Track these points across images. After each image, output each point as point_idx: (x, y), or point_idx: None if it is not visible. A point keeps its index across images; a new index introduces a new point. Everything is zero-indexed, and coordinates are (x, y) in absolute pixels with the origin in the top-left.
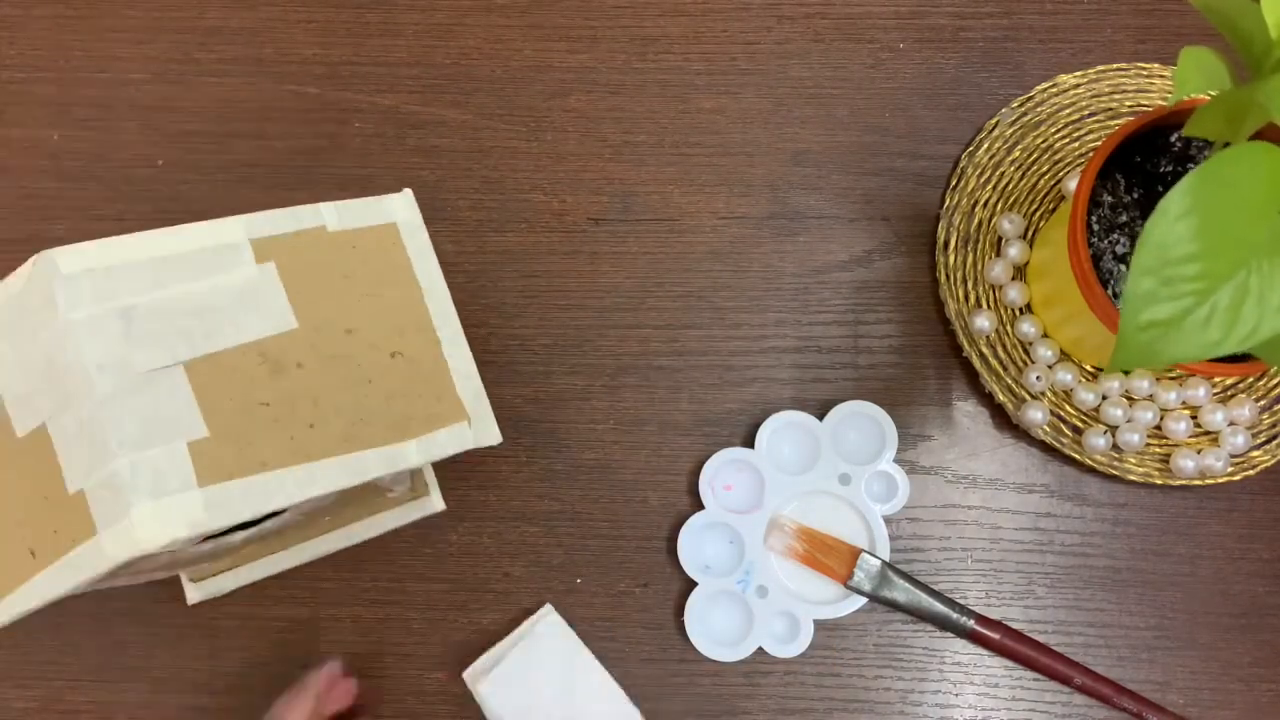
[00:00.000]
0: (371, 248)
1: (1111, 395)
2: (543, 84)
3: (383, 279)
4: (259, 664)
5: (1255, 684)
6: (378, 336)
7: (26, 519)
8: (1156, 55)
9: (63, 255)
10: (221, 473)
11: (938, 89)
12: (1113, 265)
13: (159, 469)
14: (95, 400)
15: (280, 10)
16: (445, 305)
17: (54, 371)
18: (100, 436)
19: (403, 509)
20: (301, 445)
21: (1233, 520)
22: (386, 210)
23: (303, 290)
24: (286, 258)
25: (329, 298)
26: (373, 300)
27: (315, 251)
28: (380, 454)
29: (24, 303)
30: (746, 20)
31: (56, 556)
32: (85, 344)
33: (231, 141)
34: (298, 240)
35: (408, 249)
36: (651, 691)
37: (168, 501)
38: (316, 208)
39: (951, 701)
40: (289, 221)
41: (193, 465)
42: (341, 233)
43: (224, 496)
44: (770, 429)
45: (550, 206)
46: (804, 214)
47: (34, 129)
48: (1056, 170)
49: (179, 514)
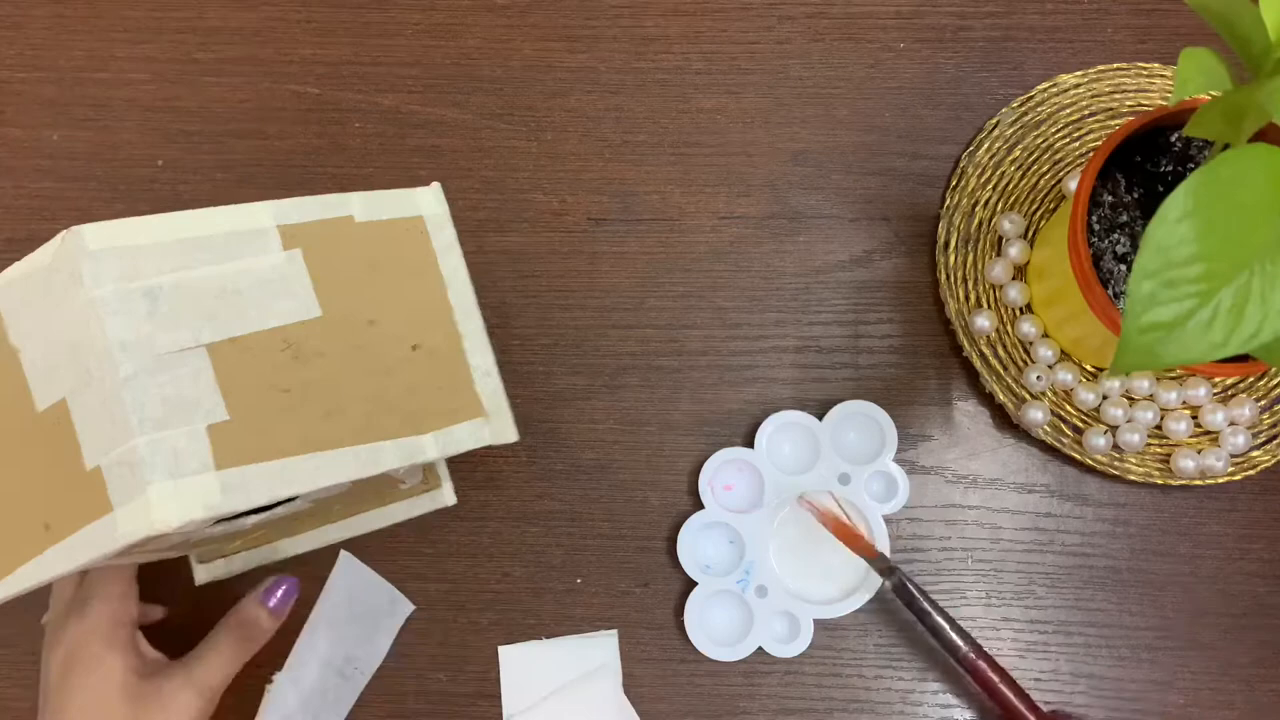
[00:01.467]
0: (397, 240)
1: (1112, 395)
2: (543, 84)
3: (407, 271)
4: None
5: (1256, 684)
6: (400, 329)
7: (42, 492)
8: (1157, 55)
9: (91, 231)
10: (240, 456)
11: (938, 89)
12: (1113, 265)
13: (178, 449)
14: (117, 378)
15: (280, 10)
16: (468, 300)
17: (77, 347)
18: (120, 414)
19: (414, 500)
20: (320, 433)
21: (1233, 520)
22: (414, 203)
23: (327, 279)
24: (313, 245)
25: (353, 288)
26: (396, 292)
27: (341, 241)
28: (397, 446)
29: (50, 276)
30: (746, 20)
31: (71, 531)
32: (109, 321)
33: (231, 141)
34: (324, 229)
35: (433, 243)
36: (651, 691)
37: (185, 482)
38: (345, 197)
39: (951, 702)
40: (317, 209)
41: (211, 447)
42: (368, 223)
43: (241, 480)
44: (770, 429)
45: (550, 206)
46: (804, 214)
47: (34, 129)
48: (1057, 170)
49: (195, 495)
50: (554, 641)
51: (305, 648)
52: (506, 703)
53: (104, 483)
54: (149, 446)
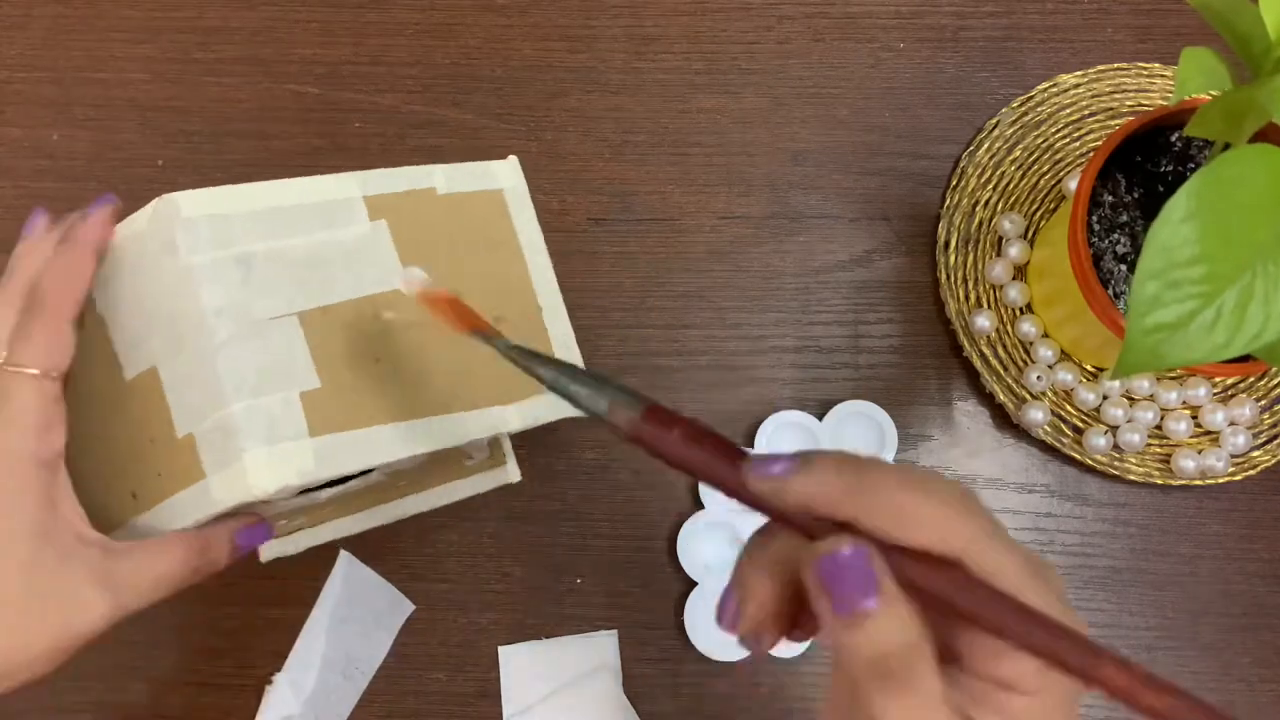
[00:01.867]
0: (478, 212)
1: (1112, 395)
2: (543, 84)
3: (488, 243)
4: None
5: (1256, 684)
6: (482, 300)
7: (130, 461)
8: (1157, 55)
9: (185, 199)
10: (331, 424)
11: (938, 88)
12: (1113, 265)
13: (273, 416)
14: (212, 344)
15: (280, 10)
16: (547, 273)
17: (169, 314)
18: (214, 381)
19: (479, 477)
20: (407, 403)
21: (1233, 520)
22: (494, 176)
23: (412, 250)
24: (397, 216)
25: (437, 259)
26: (478, 264)
27: (425, 212)
28: (482, 416)
29: (144, 244)
30: (746, 20)
31: (160, 499)
32: (204, 288)
33: (231, 141)
34: (408, 200)
35: (512, 216)
36: (651, 692)
37: (280, 448)
38: (428, 169)
39: None
40: (401, 181)
41: (305, 415)
42: (450, 195)
43: (333, 448)
44: (770, 429)
45: (550, 206)
46: (804, 214)
47: (34, 129)
48: (1057, 170)
49: (290, 462)
50: (554, 641)
51: (305, 648)
52: (506, 703)
53: (195, 450)
54: (245, 413)
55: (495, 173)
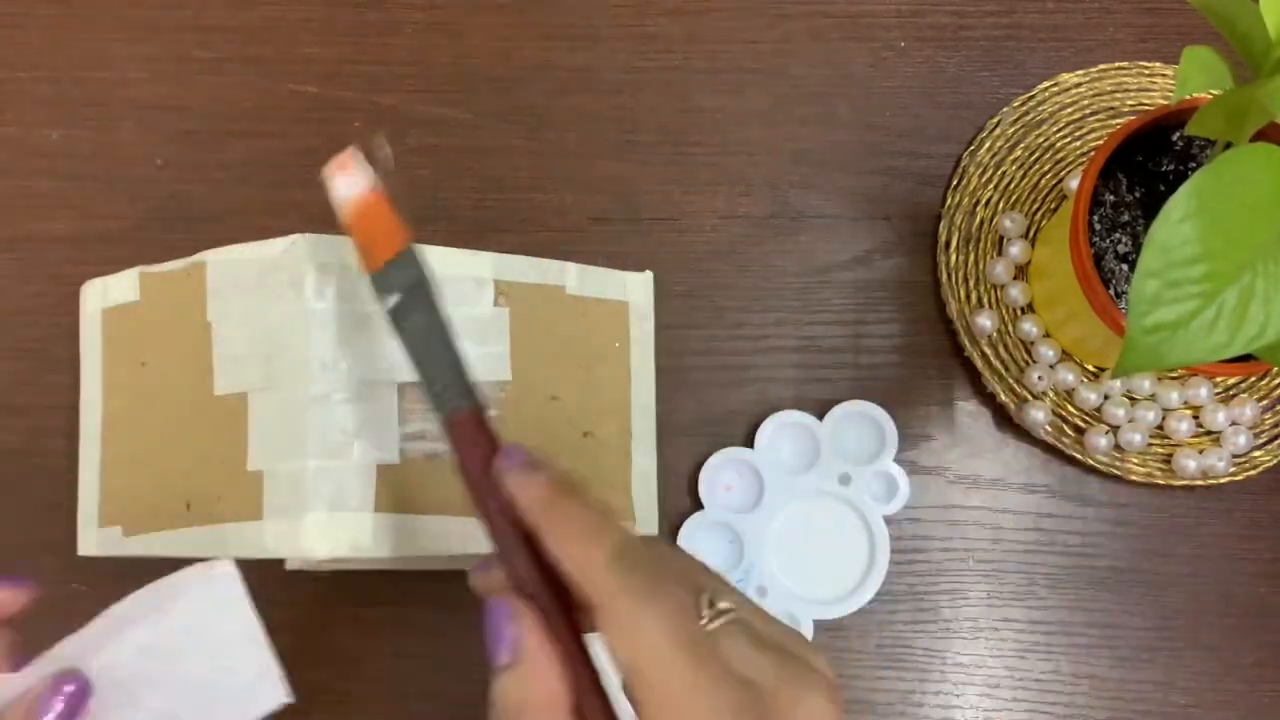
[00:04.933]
0: (599, 321)
1: (1113, 395)
2: (543, 83)
3: (599, 355)
4: None
5: (1258, 684)
6: (577, 412)
7: (195, 469)
8: (1158, 54)
9: (325, 243)
10: (398, 504)
11: (939, 88)
12: (1114, 265)
13: (344, 482)
14: (307, 395)
15: (280, 9)
16: (648, 399)
17: (276, 348)
18: (299, 430)
19: None
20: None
21: (1235, 520)
22: (624, 287)
23: (525, 343)
24: (521, 307)
25: (545, 359)
26: (583, 374)
27: (547, 310)
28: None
29: (272, 274)
30: (747, 19)
31: (212, 521)
32: (316, 336)
33: (230, 141)
34: (536, 293)
35: (631, 333)
36: None
37: (341, 517)
38: (563, 266)
39: (953, 702)
40: (534, 272)
41: (375, 488)
42: (578, 298)
43: (392, 527)
44: (770, 429)
45: (550, 206)
46: (805, 213)
47: (33, 128)
48: (1058, 169)
49: (346, 533)
50: None
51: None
52: None
53: (261, 488)
54: (318, 472)
55: (626, 284)
